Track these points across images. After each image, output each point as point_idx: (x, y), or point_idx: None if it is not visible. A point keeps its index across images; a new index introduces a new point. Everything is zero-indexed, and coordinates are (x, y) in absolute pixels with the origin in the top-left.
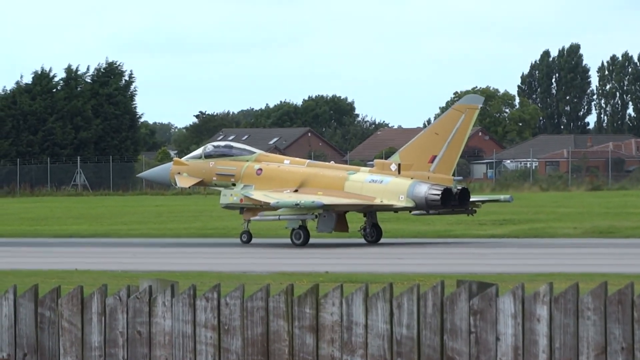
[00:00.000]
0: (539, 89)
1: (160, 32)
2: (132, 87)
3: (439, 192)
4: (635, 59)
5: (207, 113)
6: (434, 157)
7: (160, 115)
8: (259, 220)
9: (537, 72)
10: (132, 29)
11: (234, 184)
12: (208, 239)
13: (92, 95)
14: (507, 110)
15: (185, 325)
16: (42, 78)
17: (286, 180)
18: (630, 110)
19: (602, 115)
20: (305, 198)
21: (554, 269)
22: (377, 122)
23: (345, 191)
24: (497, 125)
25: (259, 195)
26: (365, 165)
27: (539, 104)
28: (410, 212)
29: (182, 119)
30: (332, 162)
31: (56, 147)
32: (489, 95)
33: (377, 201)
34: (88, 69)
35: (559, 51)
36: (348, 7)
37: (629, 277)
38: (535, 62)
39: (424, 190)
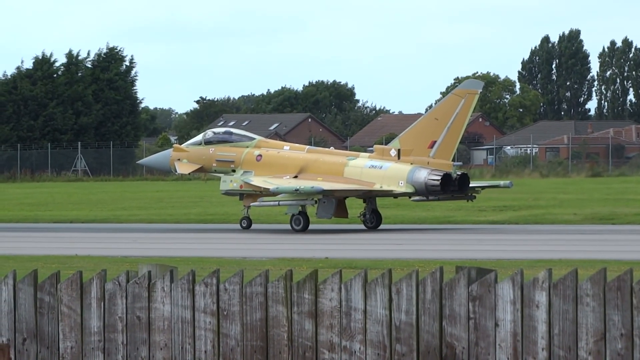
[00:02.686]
0: (539, 75)
1: (161, 18)
2: (132, 73)
3: (439, 178)
4: (636, 45)
5: (207, 99)
6: (434, 143)
7: (161, 100)
8: (259, 206)
9: (537, 58)
10: (133, 14)
11: (233, 170)
12: (208, 225)
13: (92, 81)
14: (507, 96)
15: (184, 310)
16: (43, 63)
17: (286, 166)
18: (630, 97)
19: (602, 102)
20: (304, 184)
21: (553, 255)
22: (377, 108)
23: (344, 177)
24: (497, 111)
25: (258, 181)
26: (365, 151)
27: (540, 90)
28: (409, 197)
29: (183, 104)
30: (332, 147)
31: (57, 133)
32: (489, 81)
33: (377, 187)
34: (89, 54)
35: (559, 37)
36: None
37: (628, 263)
38: (536, 47)
39: (424, 175)
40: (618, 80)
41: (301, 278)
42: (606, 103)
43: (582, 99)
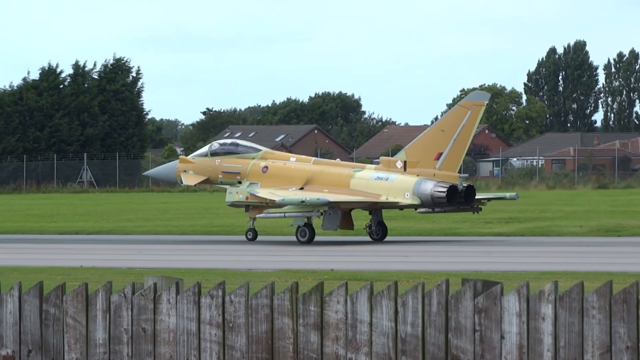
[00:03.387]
0: (545, 87)
1: (168, 29)
2: (139, 84)
3: (445, 190)
4: None
5: (214, 110)
6: (440, 154)
7: (167, 111)
8: (265, 217)
9: (543, 69)
10: (140, 25)
11: (239, 182)
12: (213, 237)
13: (99, 92)
14: (513, 108)
15: (189, 322)
16: (49, 74)
17: (292, 177)
18: (637, 108)
19: (608, 113)
20: (310, 195)
21: (559, 268)
22: (383, 120)
23: (350, 188)
24: (503, 123)
25: (264, 192)
26: (372, 163)
27: (546, 102)
28: (415, 209)
29: (189, 115)
30: (338, 159)
31: (63, 144)
32: (495, 93)
33: (383, 198)
34: (95, 65)
35: (565, 48)
36: (355, 4)
37: (634, 275)
38: (542, 59)
39: (430, 187)
40: (624, 92)
41: (307, 290)
42: (612, 115)
43: (588, 110)
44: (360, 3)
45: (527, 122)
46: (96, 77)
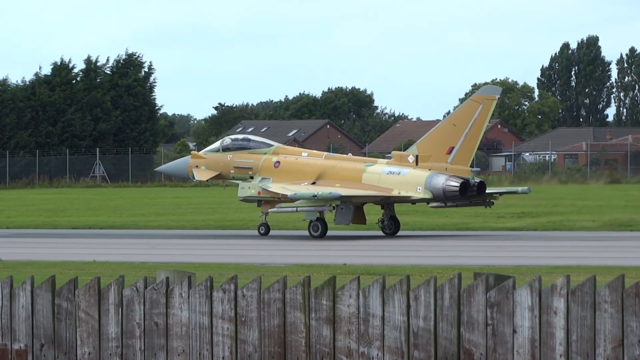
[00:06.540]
0: (558, 82)
1: (180, 24)
2: (151, 79)
3: (457, 184)
4: None
5: (226, 105)
6: (452, 149)
7: (180, 106)
8: (277, 212)
9: (556, 64)
10: (152, 21)
11: (251, 177)
12: (226, 231)
13: (111, 87)
14: (526, 102)
15: (202, 316)
16: (62, 69)
17: (304, 172)
18: None
19: (621, 108)
20: (322, 190)
21: (571, 262)
22: (396, 115)
23: (363, 183)
24: (516, 117)
25: (276, 187)
26: (384, 157)
27: (559, 97)
28: (428, 203)
29: (201, 110)
30: (349, 154)
31: (75, 139)
32: (508, 88)
33: (395, 193)
34: (108, 60)
35: (578, 44)
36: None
37: None
38: (555, 54)
39: (442, 181)
40: (637, 87)
41: (319, 284)
42: (625, 109)
43: (600, 105)
44: None
45: (540, 117)
46: (108, 72)
